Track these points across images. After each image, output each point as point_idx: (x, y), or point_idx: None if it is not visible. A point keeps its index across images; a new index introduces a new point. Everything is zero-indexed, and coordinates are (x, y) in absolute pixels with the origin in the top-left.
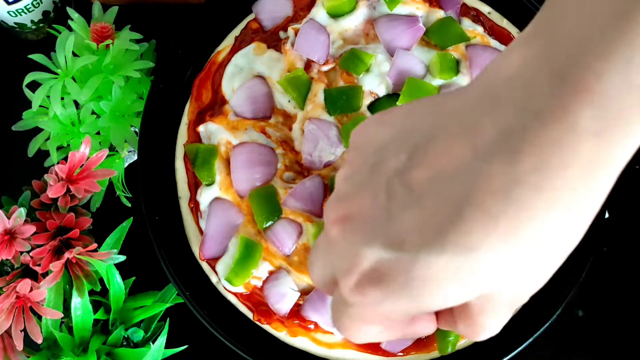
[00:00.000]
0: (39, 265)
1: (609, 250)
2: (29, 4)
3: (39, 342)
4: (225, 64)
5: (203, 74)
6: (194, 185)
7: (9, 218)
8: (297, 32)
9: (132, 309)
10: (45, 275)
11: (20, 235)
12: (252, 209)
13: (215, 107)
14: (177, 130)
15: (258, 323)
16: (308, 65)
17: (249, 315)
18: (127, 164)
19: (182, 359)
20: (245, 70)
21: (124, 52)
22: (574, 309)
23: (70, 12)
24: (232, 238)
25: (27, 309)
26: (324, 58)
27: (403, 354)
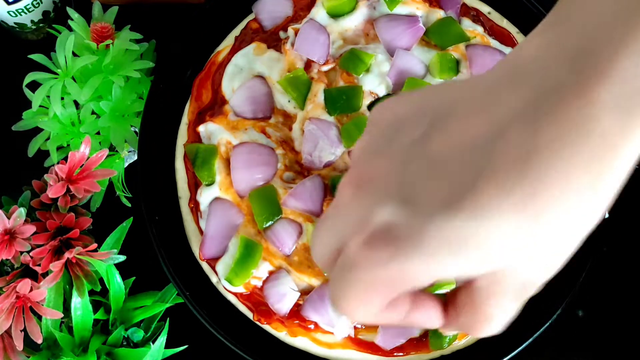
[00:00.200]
0: (39, 265)
1: (609, 250)
2: (29, 4)
3: (39, 342)
4: (225, 64)
5: (203, 74)
6: (194, 185)
7: (9, 218)
8: (297, 32)
9: (132, 309)
10: (45, 275)
11: (20, 235)
12: (252, 209)
13: (215, 107)
14: (177, 130)
15: (258, 323)
16: (308, 65)
17: (249, 315)
18: (127, 164)
19: (182, 359)
20: (245, 70)
21: (124, 52)
22: (574, 309)
23: (70, 12)
24: (232, 238)
25: (27, 309)
26: (324, 58)
27: (403, 354)
